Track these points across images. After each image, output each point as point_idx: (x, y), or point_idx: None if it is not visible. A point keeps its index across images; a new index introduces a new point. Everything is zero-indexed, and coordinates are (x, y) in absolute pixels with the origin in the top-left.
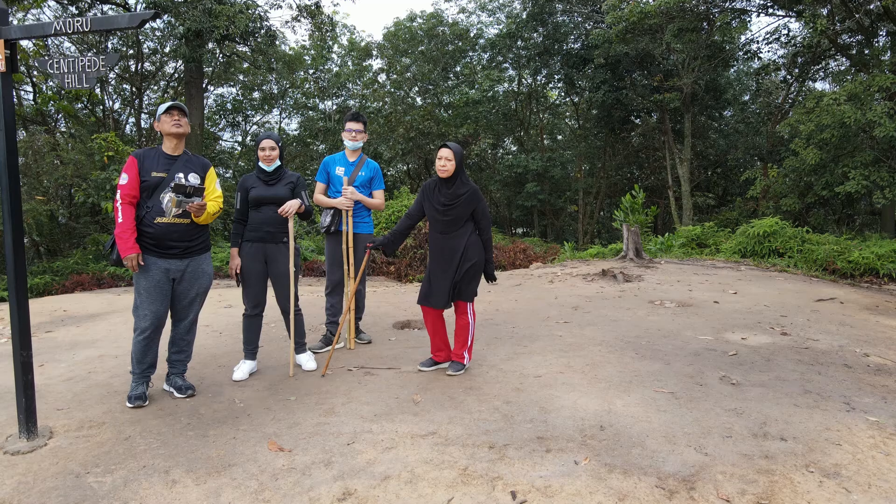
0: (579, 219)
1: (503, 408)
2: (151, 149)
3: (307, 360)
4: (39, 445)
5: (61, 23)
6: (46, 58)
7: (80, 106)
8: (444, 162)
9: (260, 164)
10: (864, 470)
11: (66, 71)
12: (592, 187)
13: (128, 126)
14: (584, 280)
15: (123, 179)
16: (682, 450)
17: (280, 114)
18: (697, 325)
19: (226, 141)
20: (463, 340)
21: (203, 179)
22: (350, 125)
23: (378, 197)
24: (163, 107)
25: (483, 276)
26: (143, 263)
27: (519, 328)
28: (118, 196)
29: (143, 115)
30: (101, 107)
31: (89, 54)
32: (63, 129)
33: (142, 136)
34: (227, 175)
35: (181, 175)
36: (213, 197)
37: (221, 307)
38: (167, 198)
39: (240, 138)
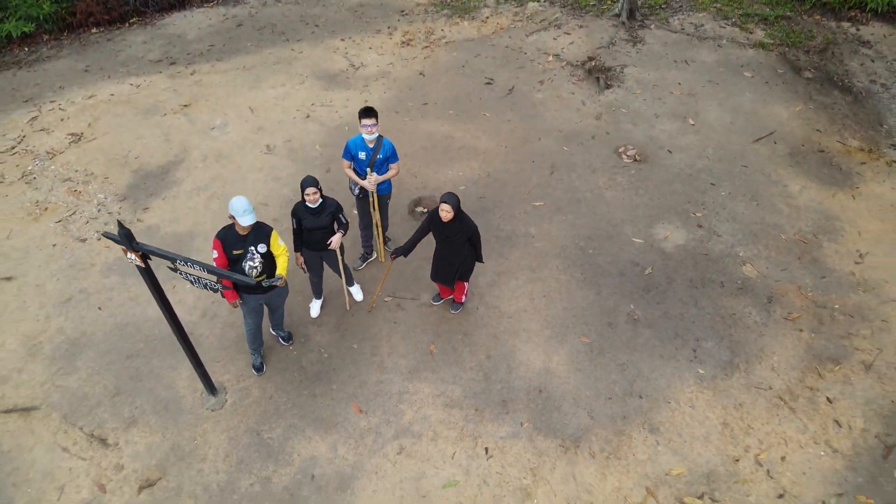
0: None
1: (485, 363)
2: (229, 229)
3: (357, 292)
4: (223, 402)
5: (182, 260)
6: (178, 261)
7: None
8: (445, 214)
9: (307, 204)
10: (673, 426)
11: (192, 277)
12: None
13: None
14: (569, 82)
15: (214, 255)
16: (580, 413)
17: None
18: (640, 208)
19: None
20: (460, 294)
21: (268, 245)
22: (365, 121)
23: (394, 169)
24: (237, 217)
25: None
26: (241, 301)
27: (503, 216)
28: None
29: None
30: None
31: (208, 278)
32: None
33: None
34: None
35: (253, 248)
36: (280, 252)
37: (260, 166)
38: (247, 266)
39: None
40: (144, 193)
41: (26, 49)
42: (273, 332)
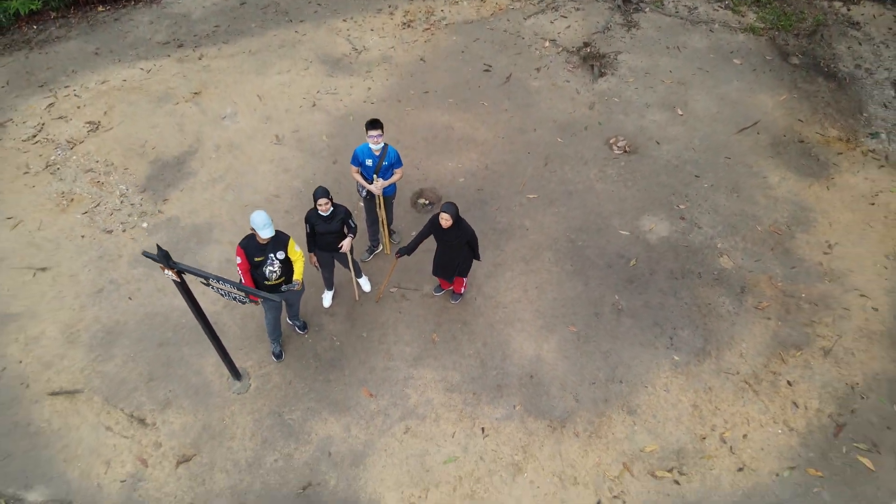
0: None
1: (482, 351)
2: (250, 239)
3: (365, 283)
4: (248, 386)
5: (215, 278)
6: (212, 278)
7: None
8: (445, 222)
9: (319, 212)
10: (649, 408)
11: (222, 291)
12: None
13: None
14: (565, 70)
15: (238, 260)
16: (567, 397)
17: None
18: (628, 201)
19: None
20: (459, 286)
21: (286, 251)
22: (371, 132)
23: (398, 173)
24: (257, 230)
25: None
26: (262, 299)
27: (500, 209)
28: (239, 271)
29: None
30: None
31: (237, 293)
32: None
33: None
34: None
35: (272, 255)
36: (297, 258)
37: (269, 148)
38: (268, 271)
39: None
40: (163, 184)
41: (35, 28)
42: (290, 322)
